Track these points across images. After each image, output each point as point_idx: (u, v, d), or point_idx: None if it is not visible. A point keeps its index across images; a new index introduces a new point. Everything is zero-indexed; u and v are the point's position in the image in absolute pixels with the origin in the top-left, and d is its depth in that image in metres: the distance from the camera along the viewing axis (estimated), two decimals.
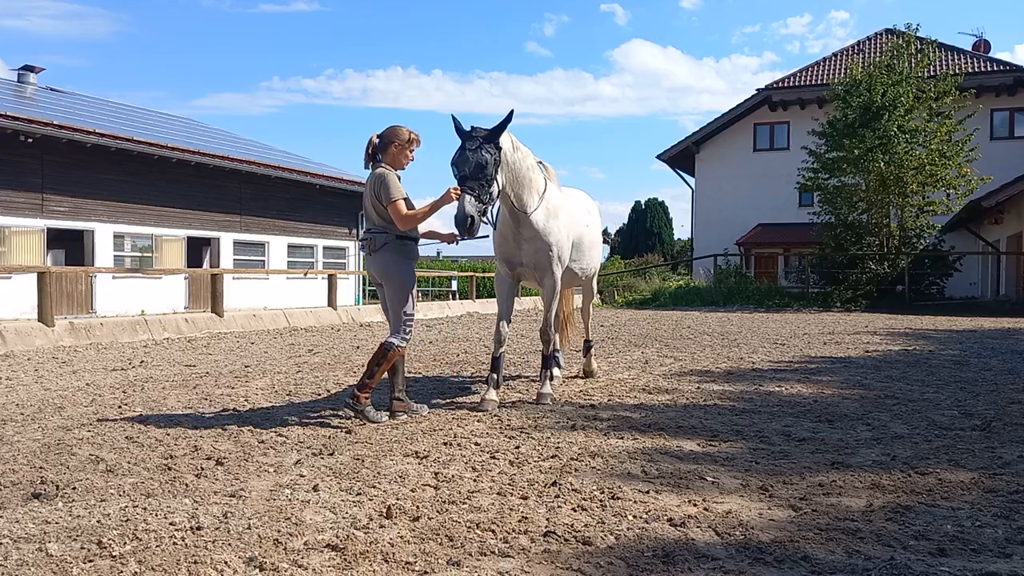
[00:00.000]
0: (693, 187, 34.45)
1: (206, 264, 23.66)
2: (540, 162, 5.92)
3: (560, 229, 5.79)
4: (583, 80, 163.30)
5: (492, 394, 5.67)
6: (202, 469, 3.84)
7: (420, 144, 5.31)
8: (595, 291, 7.41)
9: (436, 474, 3.75)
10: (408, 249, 5.23)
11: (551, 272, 5.82)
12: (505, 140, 5.24)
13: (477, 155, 5.01)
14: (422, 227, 5.34)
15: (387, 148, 5.19)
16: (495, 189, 5.15)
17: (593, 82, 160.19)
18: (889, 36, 28.65)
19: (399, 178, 5.16)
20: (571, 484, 3.56)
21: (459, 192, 4.97)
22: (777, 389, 6.63)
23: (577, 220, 6.21)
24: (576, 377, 7.37)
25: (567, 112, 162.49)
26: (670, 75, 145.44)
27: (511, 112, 5.20)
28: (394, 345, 5.12)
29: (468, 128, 5.16)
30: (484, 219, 5.13)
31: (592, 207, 6.89)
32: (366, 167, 5.29)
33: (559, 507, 3.23)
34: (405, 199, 5.07)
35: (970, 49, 31.90)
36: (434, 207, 5.15)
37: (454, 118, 5.23)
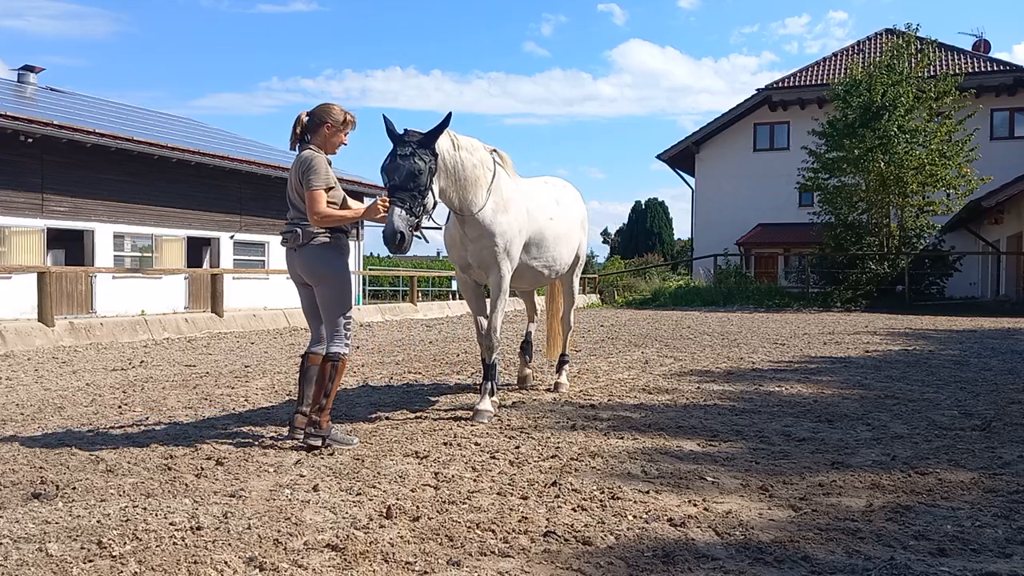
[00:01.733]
0: (693, 187, 34.47)
1: (206, 264, 23.65)
2: (494, 151, 5.44)
3: (510, 224, 5.26)
4: (582, 80, 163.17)
5: (487, 403, 5.25)
6: (202, 469, 3.84)
7: (355, 127, 4.67)
8: (575, 293, 6.69)
9: (436, 474, 3.76)
10: (341, 243, 4.58)
11: (496, 268, 5.28)
12: (444, 141, 4.78)
13: (409, 163, 4.49)
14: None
15: (318, 129, 4.50)
16: (430, 200, 4.64)
17: (592, 82, 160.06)
18: (889, 36, 28.68)
19: (330, 163, 4.54)
20: (571, 484, 3.56)
21: (387, 203, 4.43)
22: (777, 389, 6.63)
23: (536, 213, 5.64)
24: (580, 383, 7.37)
25: (566, 112, 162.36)
26: (669, 75, 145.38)
27: (449, 114, 4.69)
28: (339, 355, 4.43)
29: (401, 131, 4.63)
30: (417, 234, 4.61)
31: (565, 197, 6.23)
32: (292, 148, 4.63)
33: (559, 507, 3.23)
34: (328, 191, 4.40)
35: (970, 49, 31.92)
36: (360, 216, 4.55)
37: (385, 118, 4.68)
